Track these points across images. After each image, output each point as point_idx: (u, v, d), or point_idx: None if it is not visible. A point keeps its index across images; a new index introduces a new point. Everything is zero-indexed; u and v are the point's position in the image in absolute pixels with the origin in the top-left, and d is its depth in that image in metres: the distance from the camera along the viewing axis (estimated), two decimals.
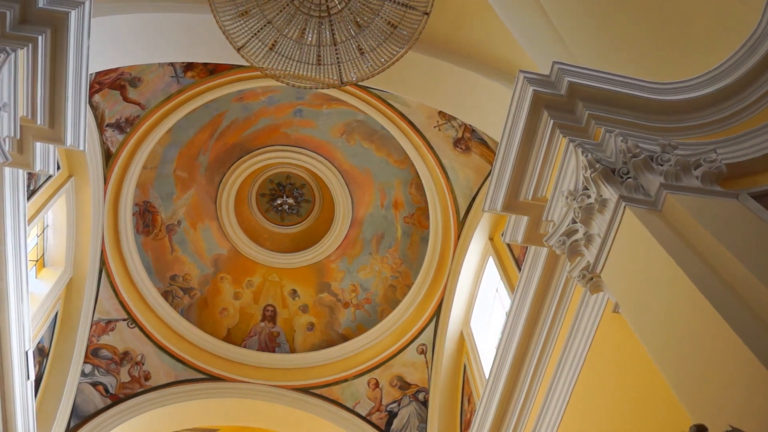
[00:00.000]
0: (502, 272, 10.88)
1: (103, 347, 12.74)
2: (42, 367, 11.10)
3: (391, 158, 14.32)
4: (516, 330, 7.94)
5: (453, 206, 12.48)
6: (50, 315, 11.19)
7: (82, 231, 11.75)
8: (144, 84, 11.31)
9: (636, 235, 4.62)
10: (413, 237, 14.66)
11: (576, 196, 5.31)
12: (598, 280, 5.34)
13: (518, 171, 6.22)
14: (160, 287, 14.07)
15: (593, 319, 6.43)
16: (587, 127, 5.71)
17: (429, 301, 13.51)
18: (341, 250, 15.69)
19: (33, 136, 6.22)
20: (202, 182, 14.99)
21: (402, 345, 13.66)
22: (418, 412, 13.08)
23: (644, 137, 5.39)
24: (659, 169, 4.94)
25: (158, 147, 13.39)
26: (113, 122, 11.45)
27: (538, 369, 7.67)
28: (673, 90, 5.76)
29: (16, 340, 8.26)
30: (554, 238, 5.65)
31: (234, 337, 14.69)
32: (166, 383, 13.15)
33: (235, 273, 15.50)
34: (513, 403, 8.16)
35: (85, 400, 12.22)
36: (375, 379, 13.61)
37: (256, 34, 6.20)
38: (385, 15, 6.06)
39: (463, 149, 11.79)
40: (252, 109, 13.99)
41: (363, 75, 6.39)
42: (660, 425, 5.03)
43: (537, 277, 7.51)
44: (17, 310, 8.12)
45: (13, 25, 5.70)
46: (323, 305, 15.39)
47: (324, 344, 14.72)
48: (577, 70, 5.97)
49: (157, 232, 14.29)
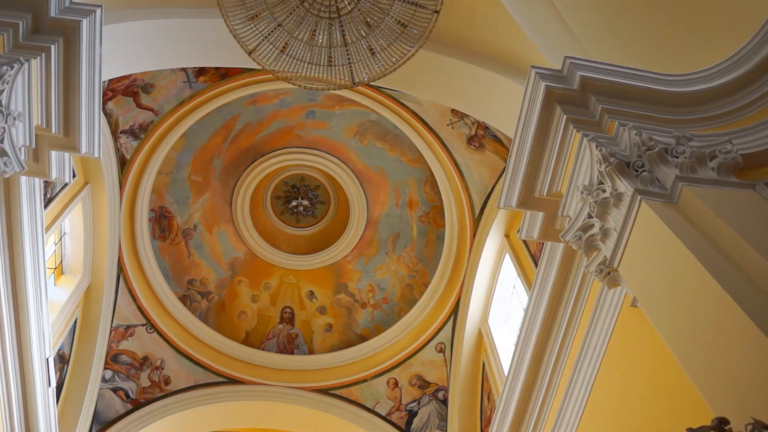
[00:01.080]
0: (519, 269, 10.85)
1: (123, 353, 12.81)
2: (63, 373, 11.17)
3: (405, 157, 14.31)
4: (534, 326, 7.93)
5: (468, 204, 12.46)
6: (70, 322, 11.25)
7: (99, 238, 11.82)
8: (157, 90, 11.36)
9: (653, 229, 4.59)
10: (429, 236, 14.65)
11: (591, 190, 5.28)
12: (615, 274, 5.32)
13: (532, 167, 6.20)
14: (178, 292, 14.13)
15: (611, 314, 6.41)
16: (601, 121, 5.68)
17: (446, 299, 13.49)
18: (357, 251, 15.70)
19: (48, 144, 6.26)
20: (217, 186, 15.04)
21: (420, 344, 13.65)
22: (437, 410, 13.07)
23: (658, 130, 5.35)
24: (674, 162, 4.90)
25: (172, 152, 13.44)
26: (127, 129, 11.50)
27: (557, 365, 7.65)
28: (686, 81, 5.72)
29: (37, 347, 8.32)
30: (570, 234, 5.62)
31: (252, 339, 14.73)
32: (186, 387, 13.20)
33: (252, 276, 15.54)
34: (533, 400, 8.14)
35: (106, 406, 12.29)
36: (394, 379, 13.60)
37: (267, 37, 6.20)
38: (395, 14, 6.05)
39: (477, 146, 11.77)
40: (265, 112, 14.02)
41: (374, 75, 6.38)
42: (681, 419, 5.00)
43: (554, 272, 7.49)
44: (37, 318, 8.17)
45: (26, 35, 5.74)
46: (341, 306, 15.40)
47: (342, 345, 14.73)
48: (589, 64, 5.94)
49: (174, 237, 14.35)
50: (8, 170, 5.56)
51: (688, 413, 4.92)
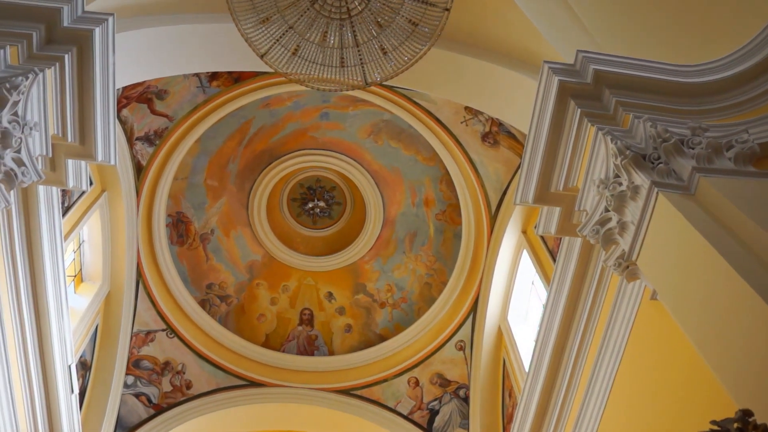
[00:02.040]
0: (537, 265, 10.82)
1: (144, 358, 12.88)
2: (85, 380, 11.24)
3: (420, 156, 14.30)
4: (554, 322, 7.91)
5: (484, 201, 12.43)
6: (90, 329, 11.32)
7: (118, 244, 11.88)
8: (170, 96, 11.41)
9: (670, 221, 4.56)
10: (446, 234, 14.63)
11: (607, 184, 5.26)
12: (634, 267, 5.30)
13: (548, 162, 6.19)
14: (197, 296, 14.18)
15: (631, 308, 6.37)
16: (615, 114, 5.65)
17: (465, 297, 13.47)
18: (375, 251, 15.70)
19: (65, 153, 6.30)
20: (233, 190, 15.08)
21: (440, 342, 13.63)
22: (459, 408, 13.05)
23: (673, 121, 5.32)
24: (690, 153, 4.87)
25: (188, 157, 13.49)
26: (142, 135, 11.56)
27: (578, 360, 7.63)
28: (700, 72, 5.68)
29: (59, 354, 8.38)
30: (588, 228, 5.61)
31: (272, 342, 14.76)
32: (208, 391, 13.25)
33: (271, 278, 15.57)
34: (554, 396, 8.13)
35: (129, 411, 12.37)
36: (415, 378, 13.60)
37: (279, 40, 6.21)
38: (406, 13, 6.05)
39: (492, 143, 11.74)
40: (279, 115, 14.05)
41: (387, 74, 6.38)
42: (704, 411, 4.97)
43: (572, 267, 7.46)
44: (58, 326, 8.23)
45: (40, 45, 5.78)
46: (360, 306, 15.41)
47: (362, 345, 14.73)
48: (601, 57, 5.92)
49: (191, 241, 14.40)
50: (26, 180, 5.60)
51: (711, 406, 4.88)
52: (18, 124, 5.22)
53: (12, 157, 5.36)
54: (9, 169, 5.36)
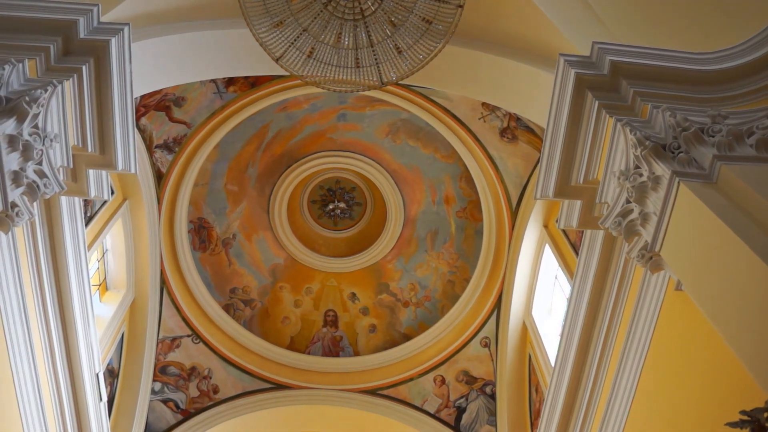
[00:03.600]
0: (560, 259, 10.78)
1: (171, 364, 12.97)
2: (113, 387, 11.33)
3: (439, 154, 14.29)
4: (578, 315, 7.88)
5: (504, 196, 12.40)
6: (117, 336, 11.42)
7: (141, 252, 11.97)
8: (188, 103, 11.47)
9: (693, 210, 4.53)
10: (467, 231, 14.61)
11: (628, 175, 5.23)
12: (657, 258, 5.25)
13: (567, 155, 6.16)
14: (221, 301, 14.26)
15: (656, 299, 6.33)
16: (633, 104, 5.62)
17: (488, 293, 13.44)
18: (397, 250, 15.71)
19: (85, 163, 6.34)
20: (253, 194, 15.15)
21: (465, 339, 13.61)
22: (486, 405, 13.03)
23: (693, 110, 5.27)
24: (711, 141, 4.82)
25: (207, 163, 13.56)
26: (161, 143, 11.64)
27: (604, 353, 7.59)
28: (718, 59, 5.63)
29: (86, 363, 8.45)
30: (609, 220, 5.57)
31: (297, 344, 14.82)
32: (235, 395, 13.33)
33: (294, 281, 15.63)
34: (581, 390, 8.09)
35: (157, 418, 12.46)
36: (441, 376, 13.59)
37: (293, 43, 6.22)
38: (419, 11, 6.04)
39: (510, 138, 11.71)
40: (296, 118, 14.09)
41: (402, 73, 6.37)
42: (733, 401, 4.93)
43: (595, 260, 7.43)
44: (85, 334, 8.30)
45: (58, 57, 5.82)
46: (383, 306, 15.42)
47: (387, 345, 14.75)
48: (617, 48, 5.88)
49: (214, 247, 14.48)
50: (48, 191, 5.65)
51: (740, 395, 4.84)
52: (39, 137, 5.26)
53: (34, 169, 5.41)
54: (31, 181, 5.41)
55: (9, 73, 5.13)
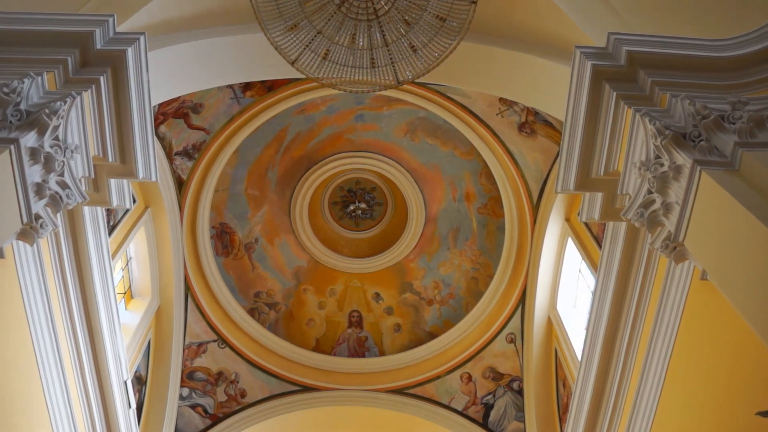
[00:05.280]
0: (583, 252, 10.73)
1: (198, 369, 13.04)
2: (142, 394, 11.41)
3: (458, 151, 14.26)
4: (604, 308, 7.84)
5: (525, 191, 12.35)
6: (143, 344, 11.50)
7: (164, 259, 12.05)
8: (206, 109, 11.52)
9: (715, 198, 4.49)
10: (489, 227, 14.57)
11: (649, 165, 5.19)
12: (681, 248, 5.21)
13: (587, 148, 6.13)
14: (246, 305, 14.32)
15: (681, 289, 6.29)
16: (651, 94, 5.58)
17: (512, 289, 13.40)
18: (419, 249, 15.69)
19: (106, 173, 6.38)
20: (274, 198, 15.19)
21: (490, 336, 13.58)
22: (514, 401, 12.99)
23: (712, 97, 5.23)
24: (732, 128, 4.77)
25: (227, 168, 13.62)
26: (181, 150, 11.70)
27: (630, 344, 7.55)
28: (735, 45, 5.57)
29: (114, 371, 8.51)
30: (632, 212, 5.54)
31: (323, 346, 14.85)
32: (262, 398, 13.37)
33: (317, 283, 15.66)
34: (609, 383, 8.05)
35: (186, 423, 12.54)
36: (467, 373, 13.56)
37: (308, 45, 6.22)
38: (433, 9, 6.02)
39: (529, 133, 11.67)
40: (314, 120, 14.12)
41: (418, 72, 6.36)
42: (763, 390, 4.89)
43: (619, 252, 7.39)
44: (111, 343, 8.37)
45: (75, 69, 5.87)
46: (408, 305, 15.42)
47: (413, 344, 14.74)
48: (633, 38, 5.85)
49: (236, 251, 14.54)
50: (71, 202, 5.70)
51: None
52: (60, 148, 5.31)
53: (56, 181, 5.45)
54: (54, 193, 5.45)
55: (28, 86, 5.17)
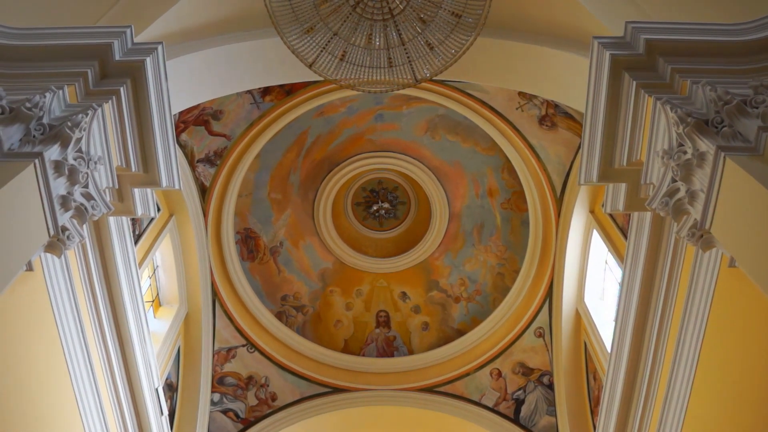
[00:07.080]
0: (609, 243, 10.66)
1: (228, 375, 13.11)
2: (173, 401, 11.48)
3: (479, 147, 14.23)
4: (632, 299, 7.79)
5: (548, 185, 12.30)
6: (173, 351, 11.57)
7: (190, 266, 12.12)
8: (226, 115, 11.58)
9: (741, 184, 4.44)
10: (513, 222, 14.53)
11: (672, 154, 5.15)
12: (708, 236, 5.16)
13: (608, 138, 6.09)
14: (273, 309, 14.37)
15: (710, 277, 6.23)
16: (672, 82, 5.53)
17: (539, 283, 13.34)
18: (444, 246, 15.67)
19: (130, 183, 6.44)
20: (297, 201, 15.24)
21: (519, 331, 13.53)
22: (544, 396, 12.93)
23: (733, 82, 5.18)
24: (755, 112, 4.72)
25: (249, 174, 13.69)
26: (203, 157, 11.77)
27: (660, 334, 7.49)
28: (755, 28, 5.51)
29: (145, 379, 8.57)
30: (656, 201, 5.50)
31: (352, 347, 14.87)
32: (293, 401, 13.41)
33: (343, 284, 15.68)
34: (640, 374, 8.00)
35: (218, 428, 12.61)
36: (497, 369, 13.52)
37: (325, 47, 6.23)
38: (448, 6, 6.00)
39: (549, 126, 11.61)
40: (334, 122, 14.15)
41: (436, 69, 6.35)
42: None
43: (645, 242, 7.34)
44: (141, 351, 8.43)
45: (96, 81, 5.92)
46: (435, 303, 15.40)
47: (441, 342, 14.72)
48: (651, 26, 5.81)
49: (262, 256, 14.60)
50: (96, 213, 5.74)
51: None
52: (83, 160, 5.35)
53: (81, 192, 5.50)
54: (79, 204, 5.50)
55: (50, 100, 5.22)
